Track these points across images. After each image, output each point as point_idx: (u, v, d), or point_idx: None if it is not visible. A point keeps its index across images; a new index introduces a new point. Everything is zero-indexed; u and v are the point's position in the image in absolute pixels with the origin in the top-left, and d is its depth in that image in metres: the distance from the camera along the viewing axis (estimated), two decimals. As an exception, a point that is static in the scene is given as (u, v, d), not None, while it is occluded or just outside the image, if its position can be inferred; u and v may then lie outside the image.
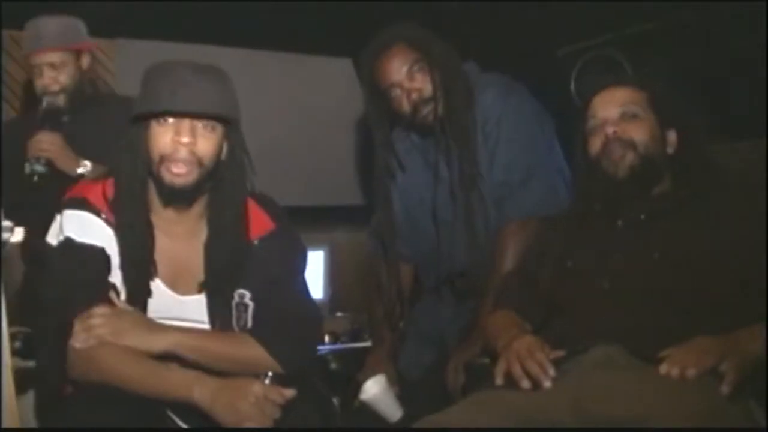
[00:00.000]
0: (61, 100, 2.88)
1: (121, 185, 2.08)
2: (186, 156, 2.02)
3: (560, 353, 1.99)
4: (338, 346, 3.58)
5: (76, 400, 2.01)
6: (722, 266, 2.01)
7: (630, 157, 2.15)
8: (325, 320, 3.68)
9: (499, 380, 2.00)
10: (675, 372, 1.80)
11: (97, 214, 2.09)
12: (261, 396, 1.92)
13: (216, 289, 2.13)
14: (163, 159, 2.03)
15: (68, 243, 2.07)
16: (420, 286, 2.96)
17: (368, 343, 3.21)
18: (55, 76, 2.89)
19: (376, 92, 2.68)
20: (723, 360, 1.79)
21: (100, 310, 2.01)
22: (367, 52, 2.68)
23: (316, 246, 3.87)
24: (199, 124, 2.04)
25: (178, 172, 2.03)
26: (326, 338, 3.57)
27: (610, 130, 2.17)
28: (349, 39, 3.18)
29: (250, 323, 2.16)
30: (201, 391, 1.93)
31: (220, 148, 2.09)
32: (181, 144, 2.02)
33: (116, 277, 2.08)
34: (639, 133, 2.17)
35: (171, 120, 2.03)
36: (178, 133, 2.02)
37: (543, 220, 2.47)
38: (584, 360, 1.97)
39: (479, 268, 2.66)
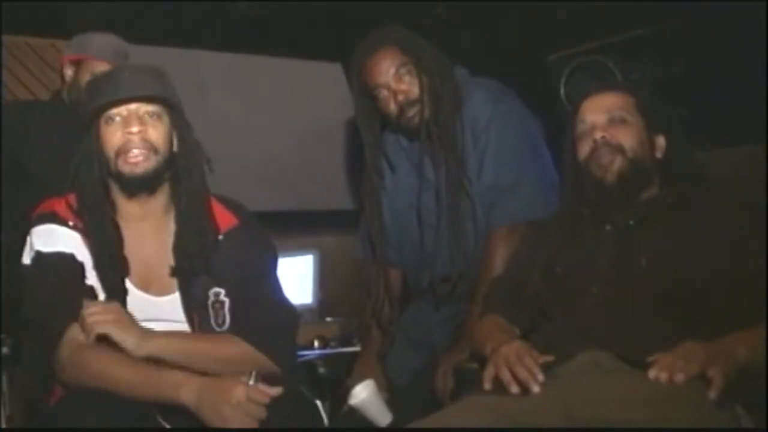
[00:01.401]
0: None
1: (83, 192, 2.13)
2: (139, 144, 2.09)
3: (549, 358, 1.99)
4: (327, 350, 3.57)
5: (67, 404, 2.00)
6: (710, 271, 2.01)
7: (619, 162, 2.15)
8: (314, 325, 3.69)
9: (487, 385, 1.99)
10: (663, 377, 1.80)
11: (65, 223, 2.12)
12: (244, 397, 1.90)
13: (188, 285, 2.15)
14: (119, 153, 2.09)
15: (38, 257, 2.11)
16: (409, 292, 2.96)
17: (358, 348, 3.20)
18: None
19: (365, 93, 2.69)
20: (710, 365, 1.79)
21: (95, 303, 2.05)
22: (357, 53, 2.69)
23: (306, 251, 3.87)
24: (146, 114, 2.11)
25: (135, 160, 2.09)
26: (316, 343, 3.57)
27: (598, 135, 2.17)
28: (338, 43, 3.18)
29: (228, 320, 2.17)
30: (188, 391, 1.93)
31: (171, 137, 2.16)
32: (133, 134, 2.09)
33: (92, 280, 2.11)
34: (627, 138, 2.17)
35: (118, 118, 2.10)
36: (127, 125, 2.09)
37: (531, 225, 2.48)
38: (572, 365, 1.98)
39: (467, 273, 2.67)
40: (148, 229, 2.17)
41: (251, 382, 1.94)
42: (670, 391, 1.77)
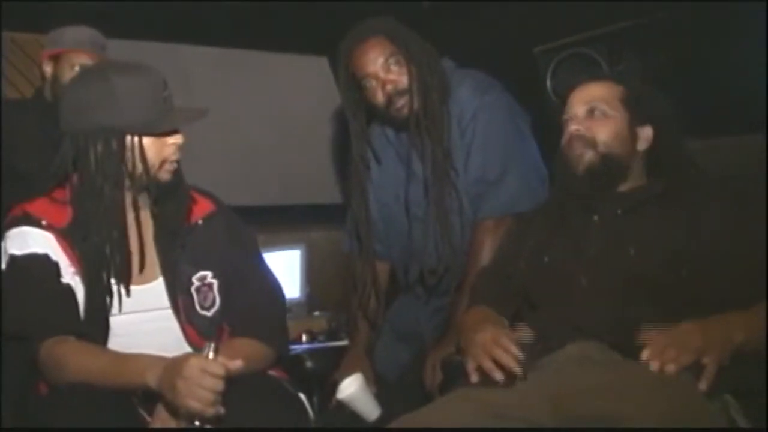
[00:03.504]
0: None
1: (99, 195, 2.08)
2: (177, 152, 2.14)
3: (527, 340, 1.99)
4: (315, 345, 3.57)
5: (53, 400, 2.00)
6: (699, 260, 2.01)
7: (589, 156, 2.16)
8: (302, 319, 3.69)
9: (474, 378, 1.99)
10: (655, 366, 1.80)
11: (37, 224, 2.11)
12: (197, 371, 1.85)
13: (173, 269, 2.17)
14: (164, 162, 2.11)
15: (12, 260, 2.10)
16: (396, 285, 2.96)
17: (346, 342, 3.20)
18: None
19: (352, 83, 2.68)
20: (704, 353, 1.79)
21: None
22: (345, 42, 2.67)
23: (293, 245, 3.87)
24: None
25: (173, 168, 2.13)
26: (303, 337, 3.57)
27: (573, 127, 2.19)
28: (325, 37, 3.17)
29: (218, 301, 2.20)
30: (151, 374, 1.92)
31: None
32: (178, 145, 2.12)
33: (68, 278, 2.10)
34: (602, 132, 2.17)
35: None
36: (172, 135, 2.11)
37: (518, 217, 2.48)
38: (560, 356, 1.98)
39: (455, 265, 2.67)
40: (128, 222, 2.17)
41: (210, 355, 1.89)
42: (658, 381, 1.77)
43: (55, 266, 2.09)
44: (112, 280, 2.11)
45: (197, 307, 2.18)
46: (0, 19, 3.05)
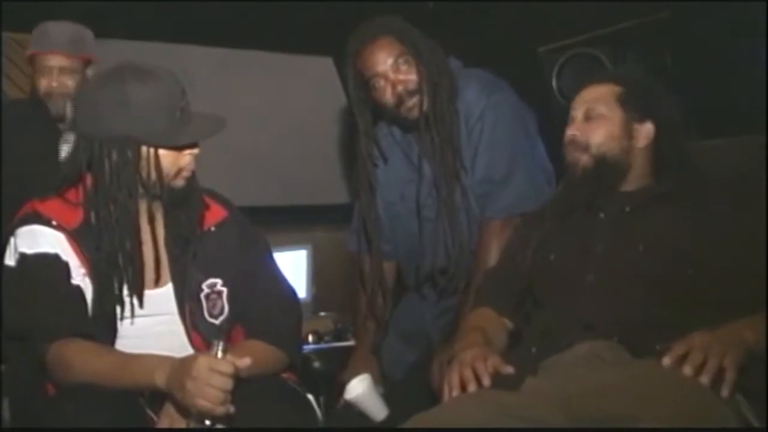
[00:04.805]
0: (67, 106, 2.97)
1: (113, 203, 2.07)
2: (194, 161, 2.12)
3: (509, 369, 1.97)
4: (322, 345, 3.57)
5: (60, 400, 2.00)
6: (707, 257, 2.01)
7: (583, 160, 2.19)
8: (308, 320, 3.69)
9: (455, 393, 1.98)
10: (687, 371, 1.76)
11: (48, 223, 2.10)
12: (206, 369, 1.85)
13: (182, 275, 2.16)
14: (180, 170, 2.09)
15: (22, 258, 2.09)
16: (402, 285, 2.95)
17: (352, 343, 3.19)
18: (63, 80, 3.01)
19: (360, 82, 2.67)
20: (724, 359, 1.77)
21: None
22: (352, 41, 2.66)
23: (299, 245, 3.87)
24: None
25: (188, 175, 2.11)
26: (310, 338, 3.57)
27: (569, 132, 2.22)
28: (329, 38, 3.17)
29: (227, 309, 2.19)
30: (160, 374, 1.92)
31: None
32: (194, 155, 2.10)
33: (78, 279, 2.09)
34: (596, 135, 2.19)
35: None
36: (190, 146, 2.09)
37: (524, 216, 2.48)
38: (568, 355, 1.98)
39: (462, 265, 2.67)
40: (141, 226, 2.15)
41: (219, 354, 1.88)
42: (669, 381, 1.77)
43: (65, 266, 2.08)
44: (125, 290, 2.10)
45: (205, 314, 2.17)
46: (0, 18, 3.04)
